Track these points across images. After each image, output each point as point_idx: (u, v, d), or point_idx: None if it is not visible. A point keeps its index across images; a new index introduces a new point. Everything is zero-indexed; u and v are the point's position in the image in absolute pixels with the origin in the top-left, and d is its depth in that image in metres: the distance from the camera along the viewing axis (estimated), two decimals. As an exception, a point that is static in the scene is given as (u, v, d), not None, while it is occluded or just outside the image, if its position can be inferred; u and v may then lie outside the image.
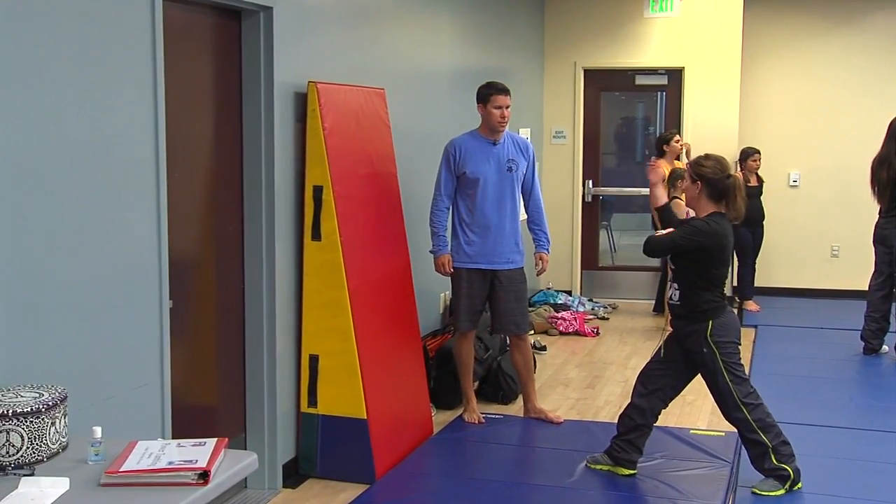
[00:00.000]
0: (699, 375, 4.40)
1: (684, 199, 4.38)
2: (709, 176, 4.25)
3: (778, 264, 9.31)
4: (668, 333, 4.57)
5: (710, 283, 4.26)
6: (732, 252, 4.33)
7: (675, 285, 4.33)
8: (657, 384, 4.44)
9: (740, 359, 4.32)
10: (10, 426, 2.48)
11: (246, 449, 4.27)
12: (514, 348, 5.45)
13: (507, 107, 5.19)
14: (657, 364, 4.49)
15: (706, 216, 4.24)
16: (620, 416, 4.56)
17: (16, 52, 2.81)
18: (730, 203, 4.25)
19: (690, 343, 4.29)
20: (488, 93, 5.19)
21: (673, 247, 4.28)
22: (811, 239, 9.34)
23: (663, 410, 4.52)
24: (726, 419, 4.40)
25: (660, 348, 4.50)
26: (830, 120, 9.23)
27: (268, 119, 4.27)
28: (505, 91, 5.19)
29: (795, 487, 4.30)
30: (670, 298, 4.38)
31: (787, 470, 4.27)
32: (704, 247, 4.20)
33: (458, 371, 5.46)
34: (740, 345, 4.35)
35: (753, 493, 4.31)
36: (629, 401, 4.53)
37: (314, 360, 4.55)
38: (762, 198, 8.72)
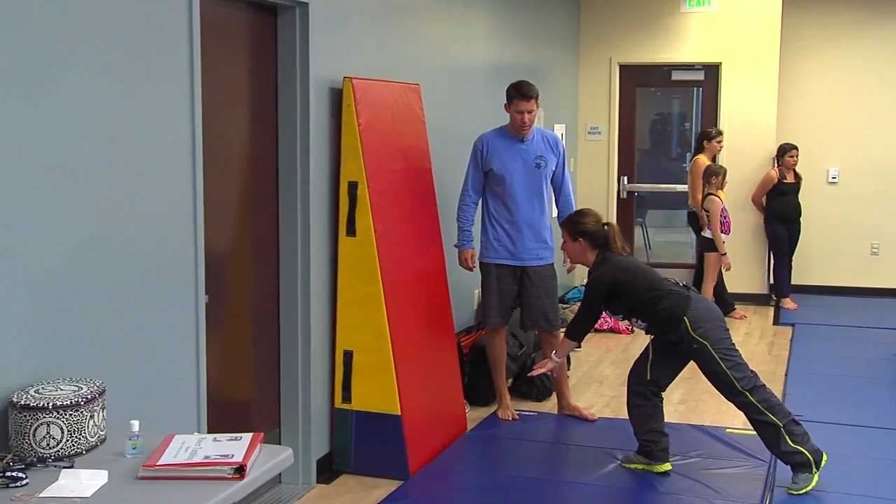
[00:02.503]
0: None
1: (578, 257, 4.64)
2: (589, 230, 4.53)
3: (816, 262, 9.20)
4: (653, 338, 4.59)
5: (652, 294, 4.33)
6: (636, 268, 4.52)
7: (636, 318, 4.47)
8: (649, 376, 4.48)
9: (732, 343, 4.32)
10: (51, 419, 2.51)
11: (280, 444, 4.29)
12: (546, 345, 5.43)
13: (531, 112, 5.13)
14: (644, 360, 4.52)
15: (593, 263, 4.50)
16: (630, 411, 4.57)
17: (54, 49, 2.84)
18: (611, 247, 4.50)
19: (683, 346, 4.32)
20: (512, 96, 5.16)
21: (590, 306, 4.48)
22: (850, 236, 9.22)
23: (696, 406, 4.50)
24: (734, 405, 4.36)
25: (647, 349, 4.52)
26: (870, 116, 9.10)
27: (303, 114, 4.28)
28: (527, 96, 5.11)
29: (822, 464, 4.25)
30: (645, 329, 4.50)
31: (803, 453, 4.22)
32: (614, 282, 4.39)
33: (491, 368, 5.45)
34: (725, 325, 4.36)
35: (789, 494, 4.26)
36: (627, 395, 4.58)
37: (348, 355, 4.55)
38: (800, 195, 8.63)
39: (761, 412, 4.23)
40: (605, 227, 4.53)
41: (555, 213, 5.46)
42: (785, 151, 8.51)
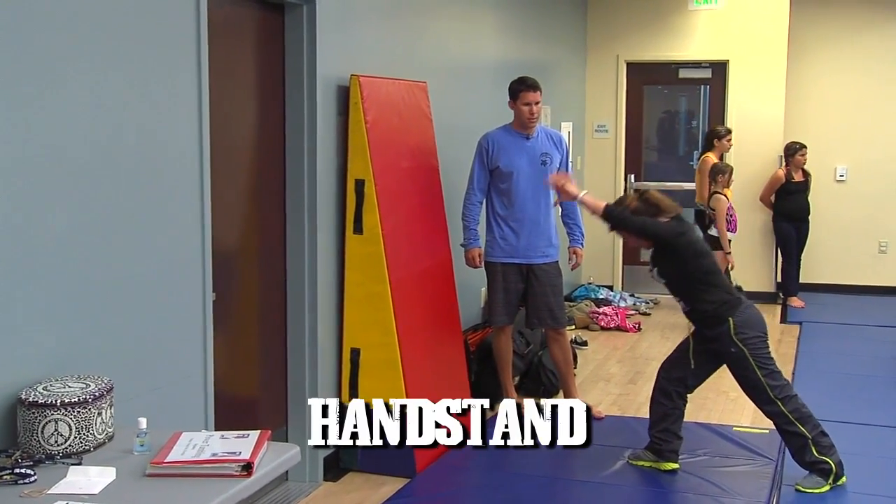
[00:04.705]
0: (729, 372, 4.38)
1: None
2: (638, 208, 4.33)
3: (824, 260, 9.17)
4: (693, 329, 4.53)
5: (705, 279, 4.24)
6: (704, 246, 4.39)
7: (677, 297, 4.33)
8: (680, 373, 4.43)
9: (769, 351, 4.28)
10: (59, 416, 2.51)
11: (287, 441, 4.30)
12: (553, 343, 5.43)
13: (537, 103, 5.15)
14: (680, 354, 4.48)
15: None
16: (650, 405, 4.55)
17: (61, 47, 2.84)
18: (662, 212, 4.30)
19: (718, 345, 4.26)
20: (518, 89, 5.17)
21: (646, 227, 4.24)
22: (858, 234, 9.19)
23: (702, 404, 4.48)
24: (763, 413, 4.35)
25: (688, 344, 4.46)
26: (878, 113, 9.08)
27: (310, 112, 4.29)
28: (534, 87, 5.15)
29: (839, 482, 4.24)
30: (683, 310, 4.39)
31: (828, 463, 4.21)
32: (688, 236, 4.22)
33: (498, 366, 5.44)
34: (767, 337, 4.29)
35: (797, 490, 4.26)
36: (653, 387, 4.52)
37: (355, 353, 4.56)
38: (808, 193, 8.60)
39: (791, 422, 4.21)
40: (643, 197, 4.36)
41: (559, 211, 5.45)
42: (795, 151, 8.47)
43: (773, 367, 4.24)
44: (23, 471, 2.37)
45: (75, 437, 2.53)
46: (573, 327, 7.59)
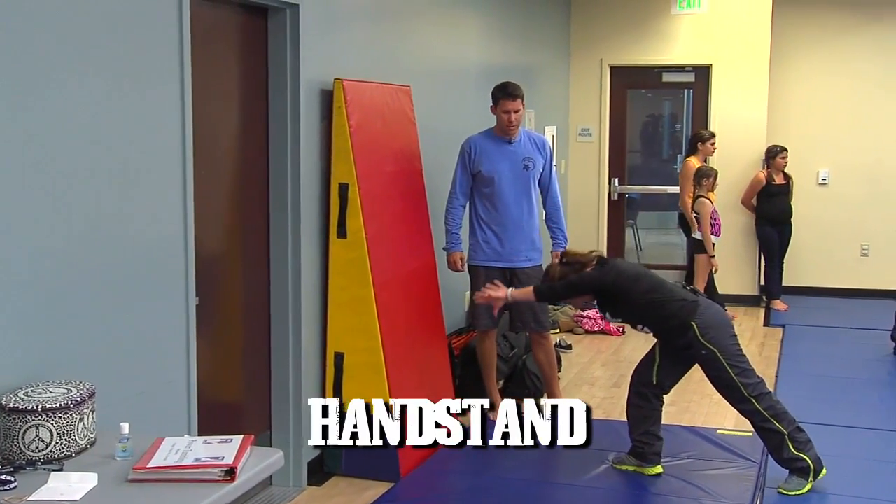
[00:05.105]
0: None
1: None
2: (564, 271, 4.43)
3: (807, 263, 9.22)
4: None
5: (653, 297, 4.25)
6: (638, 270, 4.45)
7: (640, 327, 4.36)
8: (655, 380, 4.44)
9: (740, 349, 4.29)
10: (40, 421, 2.50)
11: (271, 446, 4.29)
12: (537, 346, 5.44)
13: (517, 111, 5.15)
14: (652, 361, 4.49)
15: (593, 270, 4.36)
16: (627, 409, 4.55)
17: (44, 51, 2.83)
18: (585, 265, 4.39)
19: (692, 352, 4.28)
20: (498, 96, 5.17)
21: (573, 289, 4.35)
22: (840, 238, 9.24)
23: (686, 407, 4.49)
24: (739, 412, 4.36)
25: (654, 349, 4.49)
26: (860, 117, 9.13)
27: (294, 116, 4.28)
28: (513, 96, 5.13)
29: (819, 476, 4.26)
30: (654, 335, 4.44)
31: (805, 460, 4.23)
32: (610, 285, 4.27)
33: (482, 370, 5.44)
34: (734, 332, 4.30)
35: (780, 492, 4.28)
36: (628, 392, 4.53)
37: (339, 357, 4.55)
38: (790, 196, 8.65)
39: (766, 419, 4.22)
40: (564, 258, 4.51)
41: (543, 214, 5.46)
42: (776, 153, 8.53)
43: (745, 366, 4.26)
44: (3, 477, 2.35)
45: (57, 443, 2.52)
46: (557, 331, 7.59)
